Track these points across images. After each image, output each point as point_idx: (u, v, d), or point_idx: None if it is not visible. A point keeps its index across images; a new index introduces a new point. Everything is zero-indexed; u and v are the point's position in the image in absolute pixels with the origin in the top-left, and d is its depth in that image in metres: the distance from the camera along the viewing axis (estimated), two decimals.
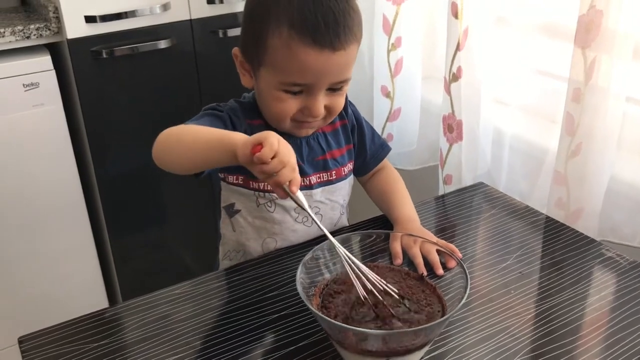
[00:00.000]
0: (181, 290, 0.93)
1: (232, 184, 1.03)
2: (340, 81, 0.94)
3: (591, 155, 1.08)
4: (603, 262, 0.98)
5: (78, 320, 0.87)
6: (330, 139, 1.07)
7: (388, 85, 1.51)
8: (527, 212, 1.13)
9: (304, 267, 0.81)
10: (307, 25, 0.87)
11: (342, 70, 0.93)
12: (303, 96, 0.94)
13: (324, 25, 0.88)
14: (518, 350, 0.80)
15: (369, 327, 0.76)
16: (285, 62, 0.90)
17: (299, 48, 0.88)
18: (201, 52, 1.77)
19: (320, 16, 0.88)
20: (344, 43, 0.89)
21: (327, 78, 0.92)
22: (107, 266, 1.90)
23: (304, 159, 1.03)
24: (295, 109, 0.95)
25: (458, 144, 1.32)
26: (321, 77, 0.91)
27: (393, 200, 1.09)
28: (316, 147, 1.05)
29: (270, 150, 0.74)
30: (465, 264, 0.82)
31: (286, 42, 0.89)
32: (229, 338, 0.83)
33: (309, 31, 0.87)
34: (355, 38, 0.93)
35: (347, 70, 0.94)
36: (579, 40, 1.02)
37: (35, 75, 1.59)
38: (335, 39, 0.88)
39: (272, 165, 0.75)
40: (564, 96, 1.09)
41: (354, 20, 0.92)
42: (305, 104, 0.94)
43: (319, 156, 1.05)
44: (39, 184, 1.67)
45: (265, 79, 0.95)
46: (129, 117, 1.72)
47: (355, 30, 0.92)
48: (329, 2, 0.88)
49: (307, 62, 0.89)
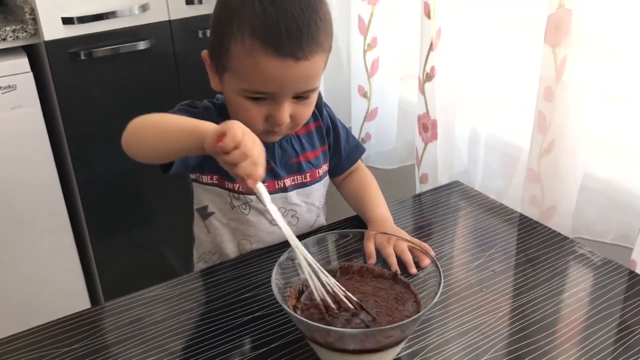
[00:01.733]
0: (155, 292, 0.93)
1: (206, 183, 1.02)
2: (305, 91, 0.92)
3: (564, 153, 1.09)
4: (575, 259, 0.99)
5: (51, 324, 0.87)
6: (304, 141, 1.06)
7: (365, 86, 1.52)
8: (502, 211, 1.14)
9: (279, 268, 0.82)
10: (269, 33, 0.85)
11: (306, 80, 0.91)
12: (268, 104, 0.92)
13: (287, 34, 0.85)
14: (490, 347, 0.81)
15: (345, 326, 0.76)
16: (247, 70, 0.89)
17: (261, 57, 0.86)
18: (181, 53, 1.76)
19: (283, 25, 0.85)
20: (307, 53, 0.87)
21: (290, 88, 0.90)
22: (89, 269, 1.89)
23: (277, 162, 1.03)
24: (260, 118, 0.93)
25: (433, 143, 1.33)
26: (284, 87, 0.90)
27: (366, 200, 1.09)
28: (289, 150, 1.05)
29: (232, 140, 0.72)
30: (440, 262, 0.82)
31: (248, 50, 0.87)
32: (203, 340, 0.83)
33: (270, 40, 0.85)
34: (321, 48, 0.90)
35: (312, 80, 0.92)
36: (548, 39, 1.03)
37: (12, 78, 1.58)
38: (297, 49, 0.86)
39: (233, 156, 0.73)
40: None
41: (320, 29, 0.89)
42: (270, 112, 0.92)
43: (292, 159, 1.05)
44: (18, 187, 1.66)
45: (229, 84, 0.94)
46: (108, 118, 1.71)
47: (322, 40, 0.89)
48: (294, 10, 0.86)
49: (269, 71, 0.87)
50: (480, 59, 1.29)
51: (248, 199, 1.02)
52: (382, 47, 1.47)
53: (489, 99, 1.32)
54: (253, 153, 0.74)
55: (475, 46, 1.29)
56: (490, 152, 1.33)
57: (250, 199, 1.02)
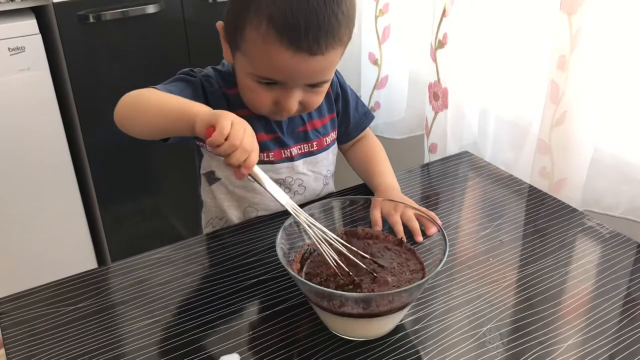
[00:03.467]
0: (161, 254, 0.93)
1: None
2: (317, 82, 0.91)
3: (576, 124, 1.08)
4: (584, 232, 0.98)
5: (57, 283, 0.87)
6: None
7: (376, 53, 1.50)
8: (511, 182, 1.13)
9: (284, 232, 0.81)
10: (286, 25, 0.82)
11: (319, 73, 0.89)
12: (277, 90, 0.90)
13: (305, 28, 0.82)
14: (494, 316, 0.81)
15: (348, 289, 0.76)
16: (259, 56, 0.87)
17: (274, 46, 0.84)
18: (190, 18, 1.74)
19: (302, 18, 0.82)
20: (323, 49, 0.84)
21: (302, 79, 0.89)
22: (96, 233, 1.90)
23: (284, 130, 1.02)
24: (268, 102, 0.92)
25: (443, 112, 1.31)
26: (295, 78, 0.88)
27: (374, 168, 1.08)
28: (296, 119, 1.03)
29: (220, 134, 0.72)
30: (447, 231, 0.82)
31: (262, 37, 0.84)
32: (207, 302, 0.83)
33: (286, 32, 0.82)
34: (339, 43, 0.87)
35: (325, 73, 0.90)
36: (565, 6, 1.01)
37: (20, 39, 1.57)
38: (314, 44, 0.83)
39: (223, 149, 0.73)
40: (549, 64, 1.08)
41: (341, 24, 0.86)
42: (278, 97, 0.91)
43: (299, 127, 1.04)
44: (26, 150, 1.66)
45: (240, 64, 0.92)
46: (117, 82, 1.71)
47: (341, 35, 0.87)
48: (315, 4, 0.82)
49: (280, 61, 0.85)
50: (494, 27, 1.27)
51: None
52: (394, 13, 1.44)
53: (501, 69, 1.30)
54: (243, 143, 0.73)
55: (488, 14, 1.26)
56: (501, 123, 1.32)
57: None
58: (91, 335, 0.78)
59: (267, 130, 1.01)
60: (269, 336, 0.78)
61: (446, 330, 0.79)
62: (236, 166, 0.74)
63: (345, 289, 0.77)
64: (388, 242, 0.87)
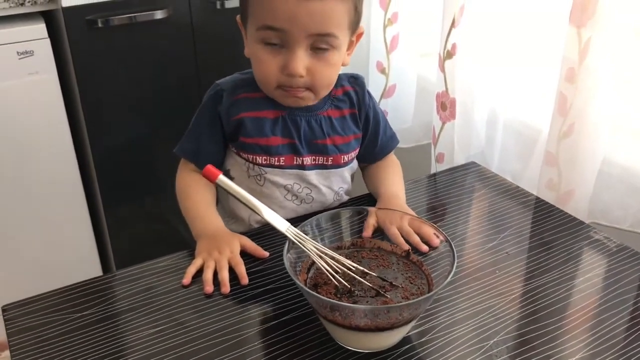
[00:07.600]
0: (167, 262, 0.93)
1: (230, 149, 1.05)
2: (317, 34, 0.90)
3: (584, 137, 1.07)
4: (590, 245, 0.98)
5: (63, 290, 0.87)
6: (336, 124, 1.04)
7: (383, 62, 1.50)
8: (517, 193, 1.12)
9: (291, 242, 0.81)
10: None
11: (318, 20, 0.89)
12: (283, 54, 0.92)
13: None
14: (500, 329, 0.81)
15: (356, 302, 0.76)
16: (259, 3, 0.90)
17: None
18: (198, 23, 1.75)
19: None
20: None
21: (300, 26, 0.89)
22: (101, 237, 1.90)
23: (302, 138, 1.02)
24: (275, 68, 0.93)
25: (451, 122, 1.31)
26: (293, 23, 0.88)
27: (383, 178, 1.08)
28: (317, 130, 1.03)
29: (205, 268, 0.89)
30: (453, 242, 0.81)
31: None
32: (213, 311, 0.83)
33: None
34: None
35: (325, 23, 0.90)
36: (574, 19, 1.01)
37: (29, 43, 1.57)
38: None
39: (211, 269, 0.89)
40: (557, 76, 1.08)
41: None
42: (284, 62, 0.92)
43: (318, 139, 1.03)
44: (33, 153, 1.66)
45: (250, 35, 0.95)
46: (124, 87, 1.71)
47: None
48: None
49: (277, 3, 0.87)
50: (503, 38, 1.27)
51: (263, 171, 1.01)
52: (403, 23, 1.44)
53: (509, 80, 1.30)
54: (216, 260, 0.90)
55: (497, 25, 1.26)
56: (508, 134, 1.31)
57: (265, 171, 1.01)
58: (97, 343, 0.78)
59: (283, 134, 1.01)
60: (275, 347, 0.78)
61: (453, 343, 0.79)
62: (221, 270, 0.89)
63: (352, 300, 0.76)
64: (394, 254, 0.87)
